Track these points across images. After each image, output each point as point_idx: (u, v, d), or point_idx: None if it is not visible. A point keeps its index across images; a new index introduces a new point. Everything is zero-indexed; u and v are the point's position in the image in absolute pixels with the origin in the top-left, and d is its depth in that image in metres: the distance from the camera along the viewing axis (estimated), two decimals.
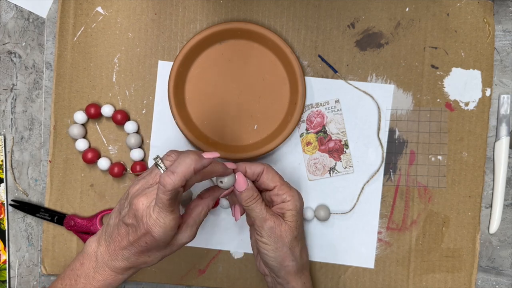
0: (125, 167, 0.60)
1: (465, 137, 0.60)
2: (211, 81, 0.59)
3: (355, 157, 0.60)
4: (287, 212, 0.52)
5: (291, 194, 0.52)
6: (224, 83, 0.59)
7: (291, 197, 0.52)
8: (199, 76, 0.59)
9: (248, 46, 0.59)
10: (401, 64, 0.60)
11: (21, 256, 0.62)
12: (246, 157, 0.57)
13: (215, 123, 0.59)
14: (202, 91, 0.59)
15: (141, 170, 0.59)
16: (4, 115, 0.61)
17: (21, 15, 0.61)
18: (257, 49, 0.59)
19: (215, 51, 0.59)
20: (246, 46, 0.59)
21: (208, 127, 0.59)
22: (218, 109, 0.59)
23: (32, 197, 0.62)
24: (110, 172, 0.59)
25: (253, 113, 0.59)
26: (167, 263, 0.60)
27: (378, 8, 0.59)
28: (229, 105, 0.59)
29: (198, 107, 0.59)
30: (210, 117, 0.59)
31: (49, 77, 0.61)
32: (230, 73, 0.59)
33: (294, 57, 0.57)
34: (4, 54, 0.61)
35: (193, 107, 0.59)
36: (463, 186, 0.60)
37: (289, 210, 0.52)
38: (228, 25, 0.57)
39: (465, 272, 0.60)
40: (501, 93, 0.60)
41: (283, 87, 0.59)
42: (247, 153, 0.57)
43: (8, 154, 0.61)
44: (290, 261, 0.52)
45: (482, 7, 0.59)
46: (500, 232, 0.61)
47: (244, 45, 0.59)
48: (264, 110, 0.59)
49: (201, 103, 0.59)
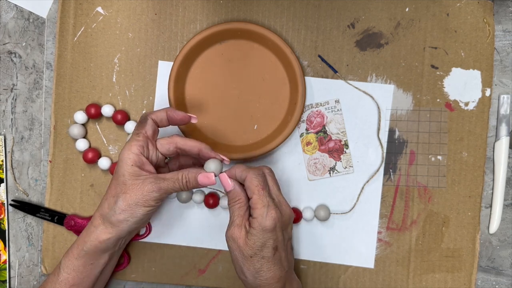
0: None
1: (465, 137, 0.60)
2: (211, 81, 0.59)
3: (355, 157, 0.60)
4: (250, 229, 0.49)
5: (260, 212, 0.48)
6: (224, 84, 0.59)
7: (258, 215, 0.49)
8: (199, 76, 0.59)
9: (248, 46, 0.59)
10: (401, 64, 0.60)
11: (21, 256, 0.62)
12: (246, 157, 0.57)
13: (215, 123, 0.59)
14: (202, 91, 0.59)
15: None
16: (4, 115, 0.62)
17: (21, 15, 0.61)
18: (257, 49, 0.59)
19: (215, 51, 0.59)
20: (246, 46, 0.59)
21: (208, 127, 0.59)
22: (218, 109, 0.59)
23: (32, 197, 0.62)
24: (111, 172, 0.60)
25: (253, 113, 0.59)
26: (167, 263, 0.60)
27: (378, 8, 0.60)
28: (229, 105, 0.59)
29: (198, 108, 0.59)
30: (210, 117, 0.59)
31: (49, 77, 0.61)
32: (230, 73, 0.59)
33: (294, 57, 0.57)
34: (4, 54, 0.61)
35: (193, 107, 0.59)
36: (463, 186, 0.60)
37: (252, 228, 0.49)
38: (228, 25, 0.57)
39: (465, 272, 0.60)
40: (501, 93, 0.60)
41: (283, 87, 0.59)
42: (247, 153, 0.57)
43: (8, 154, 0.62)
44: (241, 275, 0.51)
45: (482, 7, 0.59)
46: (500, 232, 0.61)
47: (244, 45, 0.59)
48: (264, 110, 0.59)
49: (201, 104, 0.59)
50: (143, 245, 0.61)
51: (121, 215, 0.50)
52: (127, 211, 0.49)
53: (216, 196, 0.60)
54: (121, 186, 0.50)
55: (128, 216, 0.50)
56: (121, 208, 0.49)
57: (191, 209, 0.60)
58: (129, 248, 0.61)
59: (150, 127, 0.51)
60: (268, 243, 0.49)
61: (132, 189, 0.49)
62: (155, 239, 0.60)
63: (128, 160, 0.50)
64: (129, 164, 0.50)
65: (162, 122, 0.52)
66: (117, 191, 0.50)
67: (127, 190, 0.49)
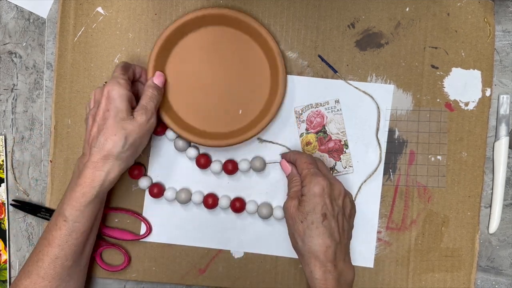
0: None
1: (464, 137, 0.60)
2: (191, 69, 0.59)
3: (355, 157, 0.60)
4: (302, 197, 0.53)
5: (309, 180, 0.53)
6: (204, 71, 0.59)
7: (307, 183, 0.53)
8: (178, 65, 0.59)
9: (225, 32, 0.59)
10: (401, 64, 0.60)
11: (22, 256, 0.62)
12: (233, 143, 0.57)
13: (199, 112, 0.59)
14: (182, 80, 0.59)
15: (139, 171, 0.59)
16: (4, 115, 0.62)
17: (21, 15, 0.61)
18: (233, 33, 0.59)
19: (191, 39, 0.59)
20: (224, 31, 0.59)
21: (192, 117, 0.59)
22: (200, 97, 0.59)
23: (32, 197, 0.62)
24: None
25: (236, 98, 0.59)
26: (168, 263, 0.61)
27: (378, 8, 0.59)
28: (212, 92, 0.59)
29: (180, 97, 0.59)
30: (193, 106, 0.59)
31: (50, 77, 0.61)
32: (209, 60, 0.59)
33: (270, 37, 0.57)
34: (5, 54, 0.61)
35: (174, 97, 0.59)
36: (462, 186, 0.60)
37: (302, 195, 0.53)
38: (202, 11, 0.57)
39: (465, 271, 0.60)
40: (500, 93, 0.60)
41: (263, 68, 0.59)
42: (234, 139, 0.57)
43: (9, 154, 0.62)
44: (293, 242, 0.54)
45: (483, 7, 0.59)
46: (499, 232, 0.61)
47: (221, 30, 0.59)
48: (247, 94, 0.59)
49: (183, 93, 0.59)
50: (143, 245, 0.61)
51: (129, 150, 0.52)
52: (133, 146, 0.52)
53: (215, 196, 0.60)
54: (121, 123, 0.52)
55: (134, 150, 0.53)
56: (129, 143, 0.52)
57: (190, 209, 0.61)
58: (129, 248, 0.61)
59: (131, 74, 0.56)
60: (317, 208, 0.52)
61: (132, 124, 0.52)
62: (155, 239, 0.61)
63: (124, 97, 0.52)
64: (124, 100, 0.52)
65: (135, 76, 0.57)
66: (118, 127, 0.51)
67: (127, 126, 0.52)
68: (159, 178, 0.61)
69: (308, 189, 0.52)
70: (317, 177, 0.53)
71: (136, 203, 0.61)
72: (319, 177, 0.53)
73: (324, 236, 0.51)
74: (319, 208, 0.52)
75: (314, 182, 0.52)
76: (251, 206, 0.59)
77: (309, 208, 0.52)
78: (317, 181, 0.52)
